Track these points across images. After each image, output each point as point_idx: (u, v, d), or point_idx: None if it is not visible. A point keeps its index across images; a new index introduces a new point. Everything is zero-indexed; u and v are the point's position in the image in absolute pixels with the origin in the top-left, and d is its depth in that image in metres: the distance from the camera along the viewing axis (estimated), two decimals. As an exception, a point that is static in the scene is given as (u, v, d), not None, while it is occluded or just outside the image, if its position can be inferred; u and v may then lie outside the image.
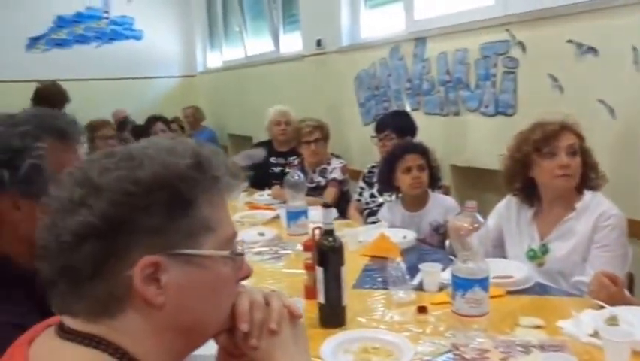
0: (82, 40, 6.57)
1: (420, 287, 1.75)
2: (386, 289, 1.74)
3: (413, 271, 1.82)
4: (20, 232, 1.03)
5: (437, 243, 2.41)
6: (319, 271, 1.50)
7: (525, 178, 1.95)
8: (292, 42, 4.89)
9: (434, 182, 2.55)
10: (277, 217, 2.78)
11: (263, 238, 2.43)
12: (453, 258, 1.90)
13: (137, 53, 6.73)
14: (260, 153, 3.99)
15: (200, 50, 7.01)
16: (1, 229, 1.03)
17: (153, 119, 4.47)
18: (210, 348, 0.79)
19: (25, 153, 1.00)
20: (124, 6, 6.67)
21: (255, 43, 5.68)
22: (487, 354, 1.29)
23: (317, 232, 1.65)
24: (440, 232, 2.43)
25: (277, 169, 3.87)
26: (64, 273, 0.64)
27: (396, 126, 2.94)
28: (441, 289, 1.72)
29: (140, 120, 5.39)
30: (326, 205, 1.54)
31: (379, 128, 3.01)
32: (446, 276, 1.74)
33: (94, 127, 3.83)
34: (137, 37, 6.80)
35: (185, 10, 6.98)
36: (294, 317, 0.79)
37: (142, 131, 4.48)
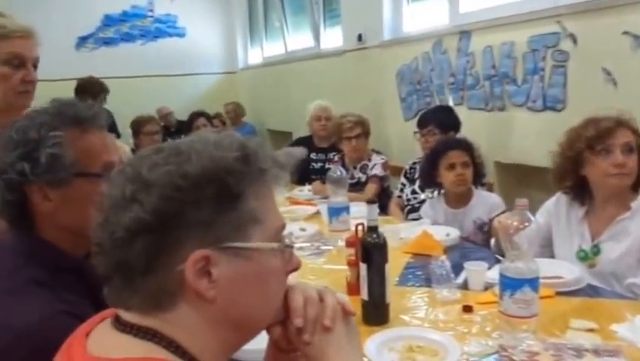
0: (127, 38, 6.73)
1: (464, 286, 1.71)
2: (429, 287, 1.71)
3: (457, 269, 1.78)
4: (59, 221, 1.04)
5: (481, 241, 2.35)
6: (363, 267, 1.48)
7: (577, 176, 1.88)
8: (333, 37, 4.87)
9: (478, 179, 2.49)
10: (318, 213, 2.77)
11: (304, 233, 2.42)
12: (499, 257, 1.87)
13: (180, 50, 6.84)
14: (300, 152, 3.98)
15: (241, 46, 7.07)
16: (41, 220, 1.04)
17: (196, 115, 4.54)
18: (261, 342, 0.79)
19: (41, 144, 1.00)
20: (167, 4, 6.80)
21: (296, 38, 5.68)
22: (537, 357, 1.25)
23: (359, 228, 1.64)
24: (484, 229, 2.37)
25: (317, 165, 3.87)
26: (119, 268, 0.65)
27: (439, 122, 2.89)
28: (486, 288, 1.67)
29: (183, 116, 5.48)
30: (371, 201, 1.51)
31: (422, 124, 2.96)
32: (492, 275, 1.70)
33: (139, 123, 3.90)
34: (180, 35, 6.91)
35: (227, 7, 7.05)
36: (347, 313, 0.78)
37: (185, 126, 4.56)
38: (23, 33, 1.51)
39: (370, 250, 1.47)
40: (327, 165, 3.78)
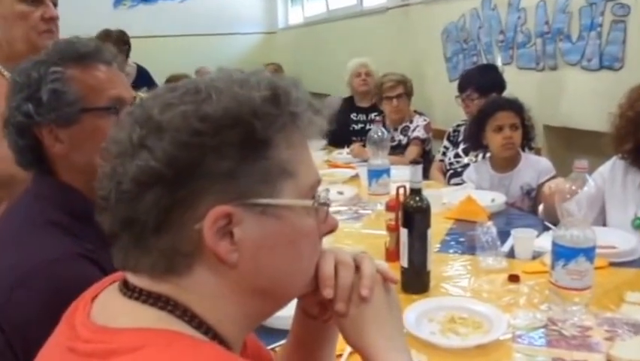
0: (166, -6, 6.62)
1: (511, 254, 1.63)
2: (473, 254, 1.64)
3: (503, 236, 1.70)
4: (74, 163, 1.00)
5: (528, 208, 2.25)
6: (403, 232, 1.41)
7: (636, 139, 1.75)
8: (375, -6, 4.68)
9: (527, 142, 2.35)
10: (357, 176, 2.71)
11: (342, 196, 2.37)
12: (548, 224, 1.77)
13: (220, 8, 6.69)
14: (334, 101, 3.92)
15: (282, 4, 6.91)
16: (58, 164, 1.01)
17: None
18: (290, 309, 0.72)
19: (42, 82, 0.96)
20: (207, -41, 6.64)
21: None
22: (590, 332, 1.17)
23: (401, 191, 1.57)
24: (532, 195, 2.26)
25: (358, 126, 3.79)
26: (127, 225, 0.57)
27: (478, 84, 2.73)
28: (534, 257, 1.59)
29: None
30: (414, 162, 1.43)
31: (461, 87, 2.83)
32: (540, 243, 1.62)
33: (173, 81, 3.85)
34: (220, -9, 6.78)
35: (267, -37, 6.87)
36: (387, 281, 0.70)
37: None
38: None
39: (412, 214, 1.40)
40: (368, 127, 3.69)
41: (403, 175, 2.61)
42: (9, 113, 0.98)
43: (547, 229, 1.77)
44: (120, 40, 3.92)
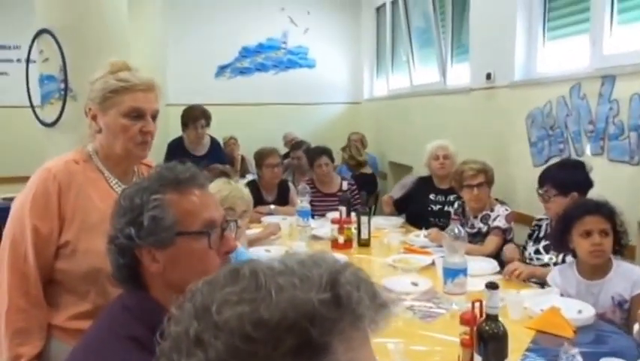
0: (262, 68, 7.09)
1: (599, 384, 1.51)
2: (555, 380, 1.53)
3: (590, 359, 1.57)
4: (167, 280, 1.07)
5: (620, 320, 2.07)
6: (477, 359, 1.35)
7: None
8: (460, 74, 4.69)
9: (619, 248, 2.18)
10: (432, 264, 2.64)
11: (416, 288, 2.33)
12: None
13: (309, 80, 7.09)
14: (410, 179, 3.92)
15: (368, 77, 7.12)
16: (151, 280, 1.09)
17: (317, 154, 4.25)
18: None
19: (144, 208, 1.05)
20: (300, 36, 7.05)
21: (422, 72, 5.58)
22: None
23: (477, 305, 1.51)
24: (625, 308, 2.08)
25: (436, 207, 3.74)
26: None
27: (557, 181, 2.53)
28: (626, 390, 1.46)
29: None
30: (492, 286, 1.37)
31: (540, 181, 2.64)
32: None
33: (261, 155, 4.02)
34: (310, 66, 7.15)
35: (356, 39, 7.17)
36: None
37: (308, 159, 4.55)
38: (145, 87, 1.55)
39: (487, 341, 1.34)
40: (446, 208, 3.64)
41: (481, 269, 2.53)
42: (113, 234, 1.08)
43: (641, 354, 1.63)
44: (204, 115, 4.30)
